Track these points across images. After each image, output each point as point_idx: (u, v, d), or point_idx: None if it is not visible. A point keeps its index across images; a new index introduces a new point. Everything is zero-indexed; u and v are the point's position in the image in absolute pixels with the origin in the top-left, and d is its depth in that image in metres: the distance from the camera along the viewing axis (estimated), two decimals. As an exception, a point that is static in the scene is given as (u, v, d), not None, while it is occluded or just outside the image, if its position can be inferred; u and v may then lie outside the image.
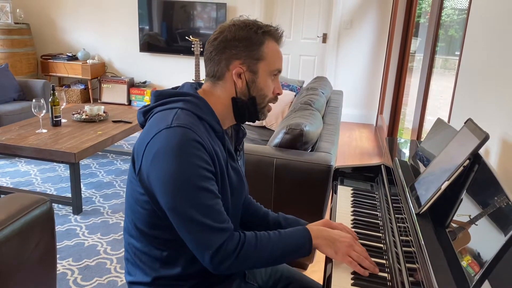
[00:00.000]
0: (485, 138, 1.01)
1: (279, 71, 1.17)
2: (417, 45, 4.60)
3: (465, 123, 1.19)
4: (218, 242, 1.02)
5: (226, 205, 1.14)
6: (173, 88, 1.20)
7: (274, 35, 1.14)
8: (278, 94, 1.19)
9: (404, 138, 4.12)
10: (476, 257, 0.82)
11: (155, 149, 1.02)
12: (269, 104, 1.19)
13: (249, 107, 1.15)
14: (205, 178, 1.02)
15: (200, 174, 1.01)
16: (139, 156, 1.08)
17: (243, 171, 1.30)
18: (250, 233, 1.09)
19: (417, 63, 4.50)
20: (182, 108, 1.08)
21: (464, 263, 0.85)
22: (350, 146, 4.61)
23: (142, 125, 1.16)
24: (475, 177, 1.03)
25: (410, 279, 0.97)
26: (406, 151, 1.78)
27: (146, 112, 1.15)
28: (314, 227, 1.16)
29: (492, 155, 1.43)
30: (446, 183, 1.05)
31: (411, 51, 4.33)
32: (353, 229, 1.32)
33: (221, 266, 1.04)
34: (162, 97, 1.14)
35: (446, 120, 2.00)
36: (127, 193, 1.16)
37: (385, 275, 1.10)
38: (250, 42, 1.10)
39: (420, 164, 1.46)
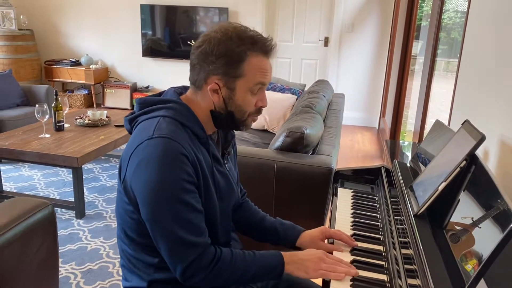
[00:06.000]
0: (481, 139, 1.02)
1: (263, 84, 1.10)
2: (418, 48, 4.61)
3: (462, 124, 1.19)
4: (192, 256, 1.02)
5: (214, 211, 1.14)
6: (157, 94, 1.20)
7: (261, 49, 1.07)
8: (262, 107, 1.14)
9: (406, 140, 4.11)
10: (473, 256, 0.83)
11: (137, 160, 1.03)
12: (253, 117, 1.15)
13: (227, 121, 1.13)
14: (185, 190, 1.02)
15: (181, 187, 1.01)
16: (124, 166, 1.09)
17: (234, 174, 1.29)
18: (227, 250, 1.09)
19: (419, 66, 4.50)
20: (165, 116, 1.08)
21: (461, 263, 0.85)
22: (353, 149, 4.61)
23: (130, 132, 1.17)
24: (471, 178, 1.03)
25: (409, 280, 0.97)
26: (406, 153, 1.78)
27: (131, 120, 1.16)
28: (287, 253, 1.14)
29: (491, 158, 1.43)
30: (443, 184, 1.06)
31: (413, 54, 4.33)
32: (353, 231, 1.32)
33: (192, 280, 1.04)
34: (146, 105, 1.14)
35: (446, 122, 2.00)
36: (116, 202, 1.17)
37: (384, 277, 1.10)
38: (228, 59, 1.04)
39: (419, 166, 1.46)
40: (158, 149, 1.01)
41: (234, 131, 1.27)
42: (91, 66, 5.79)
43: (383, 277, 1.10)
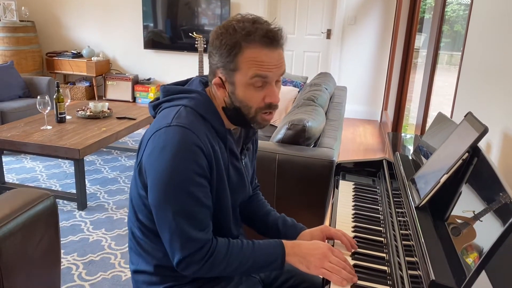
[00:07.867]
0: (484, 131, 1.01)
1: (262, 77, 1.03)
2: (421, 41, 4.58)
3: (465, 116, 1.19)
4: (191, 250, 1.03)
5: (227, 203, 1.15)
6: (182, 83, 1.20)
7: (258, 39, 1.01)
8: (271, 103, 1.07)
9: (408, 133, 4.10)
10: (474, 249, 0.83)
11: (152, 146, 1.04)
12: (262, 114, 1.09)
13: (237, 117, 1.11)
14: (195, 183, 1.03)
15: (190, 178, 1.02)
16: (141, 150, 1.10)
17: (249, 170, 1.29)
18: (223, 242, 1.09)
19: (422, 59, 4.47)
20: (186, 105, 1.08)
21: (462, 255, 0.85)
22: (354, 142, 4.60)
23: (154, 117, 1.18)
24: (474, 170, 1.03)
25: (410, 272, 0.97)
26: (408, 146, 1.78)
27: (155, 106, 1.18)
28: (289, 243, 1.13)
29: (493, 150, 1.43)
30: (445, 176, 1.05)
31: (416, 47, 4.30)
32: (354, 223, 1.32)
33: (187, 270, 1.06)
34: (170, 93, 1.15)
35: (449, 115, 1.99)
36: (131, 185, 1.18)
37: (385, 268, 1.10)
38: (224, 51, 1.03)
39: (421, 158, 1.46)
40: (174, 137, 1.01)
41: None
42: (92, 58, 5.78)
43: (384, 268, 1.10)
